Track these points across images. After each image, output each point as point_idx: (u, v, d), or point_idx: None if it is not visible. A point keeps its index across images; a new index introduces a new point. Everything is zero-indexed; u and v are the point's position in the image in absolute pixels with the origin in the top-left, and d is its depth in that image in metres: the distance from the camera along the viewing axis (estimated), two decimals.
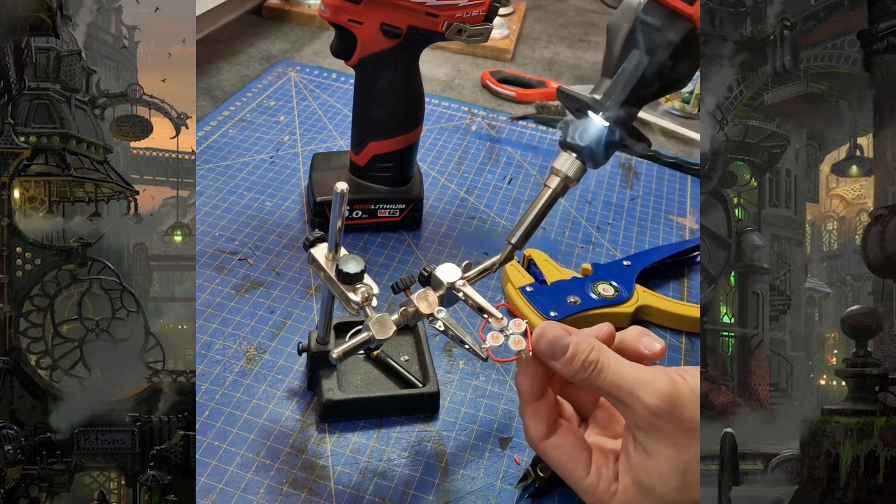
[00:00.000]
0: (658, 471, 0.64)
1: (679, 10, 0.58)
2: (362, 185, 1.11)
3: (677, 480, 0.64)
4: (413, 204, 1.12)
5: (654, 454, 0.64)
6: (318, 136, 1.37)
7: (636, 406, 0.64)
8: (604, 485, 0.67)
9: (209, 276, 1.02)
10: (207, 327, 0.94)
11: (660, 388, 0.64)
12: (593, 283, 1.02)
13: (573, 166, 0.64)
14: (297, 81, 1.54)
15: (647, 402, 0.64)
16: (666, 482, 0.64)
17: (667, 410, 0.64)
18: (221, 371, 0.88)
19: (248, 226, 1.12)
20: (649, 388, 0.64)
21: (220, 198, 1.17)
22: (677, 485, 0.64)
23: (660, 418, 0.64)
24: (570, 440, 0.70)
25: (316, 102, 1.48)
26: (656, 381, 0.65)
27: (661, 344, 0.72)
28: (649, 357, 0.70)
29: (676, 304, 1.04)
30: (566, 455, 0.69)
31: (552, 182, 0.65)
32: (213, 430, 0.82)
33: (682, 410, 0.64)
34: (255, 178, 1.23)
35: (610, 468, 0.68)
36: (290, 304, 0.99)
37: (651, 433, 0.64)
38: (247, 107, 1.43)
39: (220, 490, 0.76)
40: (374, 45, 1.00)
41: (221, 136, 1.33)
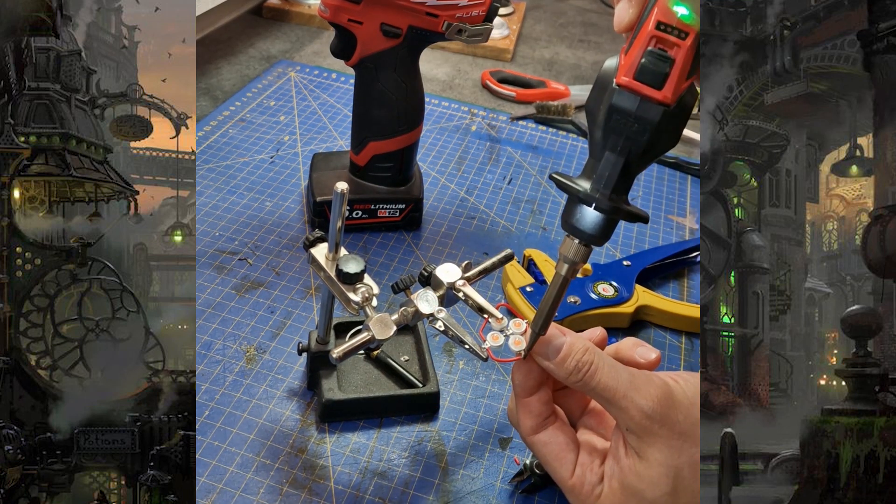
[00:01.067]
0: (649, 475, 0.64)
1: (649, 97, 0.58)
2: (362, 185, 1.11)
3: (668, 486, 0.64)
4: (413, 204, 1.12)
5: (645, 458, 0.64)
6: (318, 136, 1.37)
7: (630, 408, 0.64)
8: (587, 487, 0.67)
9: (209, 276, 1.02)
10: (207, 327, 0.94)
11: (654, 392, 0.64)
12: (593, 283, 1.02)
13: (578, 251, 0.65)
14: (297, 81, 1.55)
15: (641, 405, 0.64)
16: (656, 487, 0.64)
17: (661, 413, 0.64)
18: (221, 371, 0.88)
19: (248, 226, 1.12)
20: (643, 391, 0.64)
21: (220, 198, 1.17)
22: (668, 490, 0.64)
23: (653, 421, 0.63)
24: (559, 439, 0.69)
25: (316, 102, 1.48)
26: (650, 384, 0.65)
27: (657, 353, 0.71)
28: (644, 366, 0.70)
29: (676, 304, 1.04)
30: (552, 453, 0.69)
31: (561, 269, 0.66)
32: (213, 430, 0.82)
33: (676, 414, 0.64)
34: (255, 178, 1.23)
35: (595, 471, 0.67)
36: (290, 304, 0.99)
37: (644, 437, 0.64)
38: (247, 107, 1.43)
39: (221, 490, 0.76)
40: (374, 45, 1.00)
41: (221, 136, 1.33)
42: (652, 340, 1.01)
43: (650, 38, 0.58)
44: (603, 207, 0.62)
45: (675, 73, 0.58)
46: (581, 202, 0.63)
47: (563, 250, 0.66)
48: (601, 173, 0.61)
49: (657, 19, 0.57)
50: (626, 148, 0.60)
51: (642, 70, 0.58)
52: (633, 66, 0.58)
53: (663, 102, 0.58)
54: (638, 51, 0.58)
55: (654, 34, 0.58)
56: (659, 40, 0.58)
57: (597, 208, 0.62)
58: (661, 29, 0.57)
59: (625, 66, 0.59)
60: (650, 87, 0.58)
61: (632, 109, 0.58)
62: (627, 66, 0.58)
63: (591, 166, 0.63)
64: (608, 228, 0.64)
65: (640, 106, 0.58)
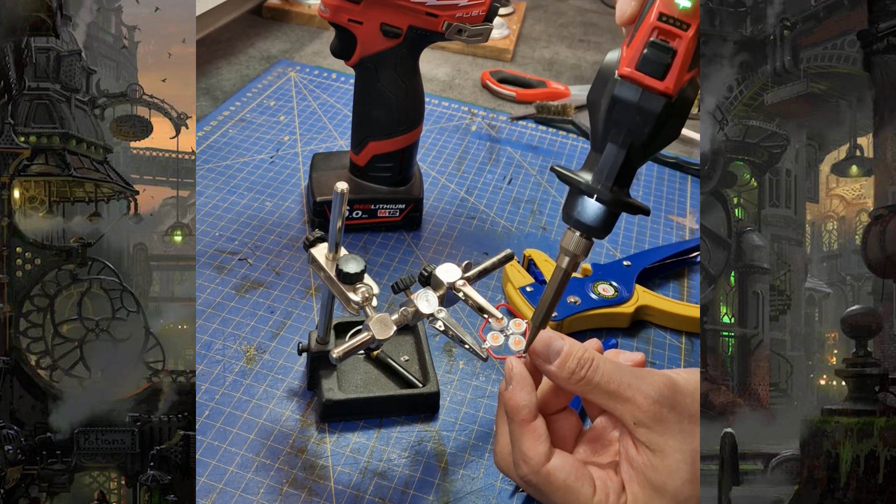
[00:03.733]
0: (667, 466, 0.62)
1: (651, 88, 0.58)
2: (362, 185, 1.11)
3: (688, 472, 0.62)
4: (413, 204, 1.12)
5: (660, 449, 0.62)
6: (318, 136, 1.37)
7: (637, 397, 0.62)
8: (613, 497, 0.63)
9: (209, 276, 1.02)
10: (207, 327, 0.94)
11: (658, 379, 0.63)
12: (593, 283, 1.02)
13: (579, 244, 0.64)
14: (297, 81, 1.55)
15: (648, 392, 0.62)
16: (676, 476, 0.62)
17: (669, 397, 0.62)
18: (221, 371, 0.88)
19: (248, 226, 1.12)
20: (648, 380, 0.63)
21: (220, 198, 1.17)
22: (688, 477, 0.62)
23: (662, 406, 0.62)
24: (569, 459, 0.65)
25: (316, 102, 1.48)
26: (652, 374, 0.64)
27: (641, 356, 0.71)
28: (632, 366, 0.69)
29: (676, 304, 1.04)
30: (572, 475, 0.63)
31: (562, 262, 0.65)
32: (213, 430, 0.82)
33: (684, 398, 0.63)
34: (255, 178, 1.23)
35: (614, 479, 0.64)
36: (290, 304, 0.99)
37: (655, 426, 0.62)
38: (247, 107, 1.43)
39: (221, 490, 0.76)
40: (374, 45, 1.00)
41: (221, 136, 1.33)
42: (652, 340, 1.01)
43: (652, 29, 0.58)
44: (604, 199, 0.62)
45: (676, 63, 0.58)
46: (583, 194, 0.63)
47: (564, 243, 0.65)
48: (603, 165, 0.61)
49: (659, 10, 0.58)
50: (627, 139, 0.60)
51: (644, 60, 0.58)
52: (635, 57, 0.58)
53: (665, 93, 0.58)
54: (640, 42, 0.58)
55: (657, 25, 0.58)
56: (661, 31, 0.58)
57: (598, 199, 0.62)
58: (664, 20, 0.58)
59: (627, 57, 0.59)
60: (652, 78, 0.58)
61: (634, 100, 0.59)
62: (629, 57, 0.59)
63: (592, 158, 0.63)
64: (609, 220, 0.64)
65: (642, 97, 0.58)
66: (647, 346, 1.00)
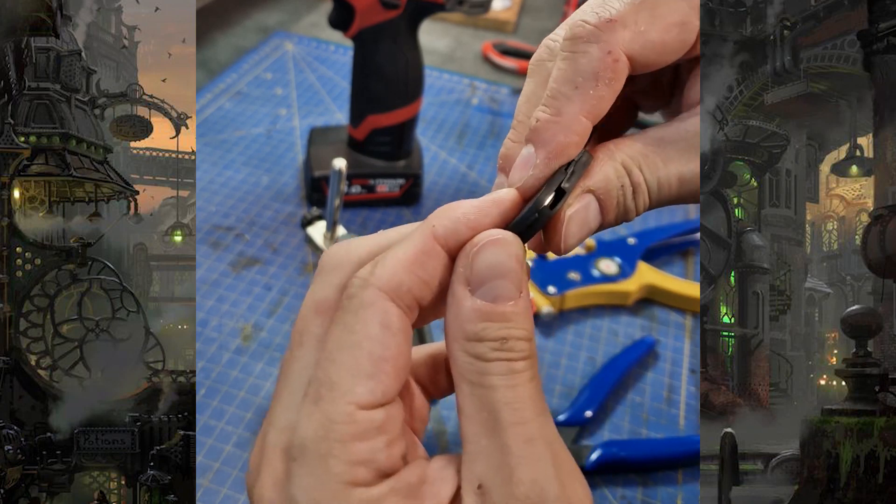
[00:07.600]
0: None
1: None
2: (361, 160, 1.10)
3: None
4: (413, 179, 1.12)
5: None
6: (315, 110, 1.36)
7: None
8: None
9: (205, 252, 1.01)
10: (203, 304, 0.94)
11: None
12: (596, 259, 1.01)
13: None
14: (294, 54, 1.53)
15: None
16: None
17: None
18: (218, 349, 0.88)
19: (244, 201, 1.11)
20: None
21: (215, 172, 1.17)
22: None
23: None
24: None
25: (314, 75, 1.46)
26: None
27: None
28: None
29: (681, 283, 1.03)
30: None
31: None
32: (209, 408, 0.81)
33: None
34: (251, 152, 1.22)
35: None
36: (288, 280, 0.98)
37: None
38: (242, 79, 1.41)
39: (217, 469, 0.75)
40: (372, 15, 0.99)
41: (217, 110, 1.32)
42: (656, 318, 1.01)
43: None
44: None
45: None
46: None
47: None
48: None
49: None
50: None
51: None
52: None
53: None
54: None
55: None
56: None
57: None
58: None
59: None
60: None
61: None
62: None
63: None
64: None
65: None
66: (651, 323, 1.00)
